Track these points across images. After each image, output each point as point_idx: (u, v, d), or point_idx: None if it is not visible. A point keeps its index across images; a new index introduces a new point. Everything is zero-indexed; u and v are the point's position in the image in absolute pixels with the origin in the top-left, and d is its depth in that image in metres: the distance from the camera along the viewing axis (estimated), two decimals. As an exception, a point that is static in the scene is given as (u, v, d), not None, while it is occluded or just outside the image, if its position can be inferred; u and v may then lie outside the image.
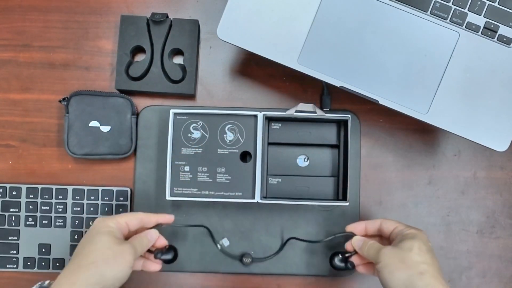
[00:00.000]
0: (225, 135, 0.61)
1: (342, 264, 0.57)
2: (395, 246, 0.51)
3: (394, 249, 0.51)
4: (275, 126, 0.62)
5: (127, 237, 0.53)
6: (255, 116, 0.61)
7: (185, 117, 0.61)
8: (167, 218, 0.56)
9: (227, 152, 0.61)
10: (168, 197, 0.60)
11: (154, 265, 0.56)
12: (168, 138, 0.60)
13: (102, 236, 0.50)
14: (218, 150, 0.61)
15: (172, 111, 0.61)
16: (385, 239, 0.57)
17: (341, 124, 0.62)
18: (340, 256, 0.57)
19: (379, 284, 0.51)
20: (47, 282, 0.50)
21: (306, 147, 0.62)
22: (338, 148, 0.62)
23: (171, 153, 0.61)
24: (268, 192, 0.61)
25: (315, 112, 0.60)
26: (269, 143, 0.62)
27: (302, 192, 0.61)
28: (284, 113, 0.60)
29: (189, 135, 0.61)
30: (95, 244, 0.49)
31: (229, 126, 0.61)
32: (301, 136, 0.62)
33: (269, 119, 0.61)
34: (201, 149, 0.61)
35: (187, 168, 0.61)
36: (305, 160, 0.62)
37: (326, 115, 0.60)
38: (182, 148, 0.61)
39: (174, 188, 0.61)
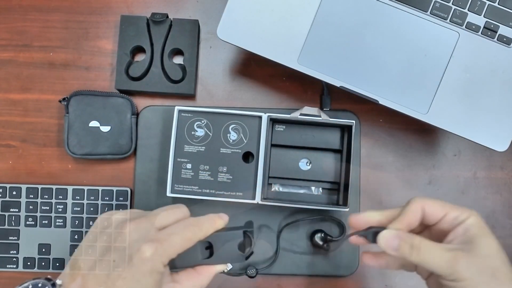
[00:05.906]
0: (228, 135, 0.61)
1: (320, 243, 0.59)
2: (467, 250, 0.37)
3: (473, 258, 0.37)
4: (279, 128, 0.62)
5: None
6: (260, 117, 0.61)
7: (189, 115, 0.61)
8: (219, 222, 0.43)
9: (230, 152, 0.61)
10: (168, 194, 0.60)
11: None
12: (172, 134, 0.60)
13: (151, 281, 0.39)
14: (221, 149, 0.61)
15: (177, 107, 0.61)
16: (419, 225, 0.43)
17: (345, 129, 0.61)
18: (321, 234, 0.59)
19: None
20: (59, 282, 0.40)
21: (309, 150, 0.62)
22: (341, 153, 0.61)
23: (174, 149, 0.60)
24: (268, 193, 0.61)
25: (319, 116, 0.60)
26: (272, 145, 0.62)
27: (304, 195, 0.62)
28: (288, 115, 0.60)
29: (192, 132, 0.61)
30: None
31: (233, 126, 0.61)
32: (304, 139, 0.62)
33: (273, 121, 0.61)
34: (204, 147, 0.61)
35: (189, 166, 0.61)
36: (307, 164, 0.62)
37: (331, 119, 0.60)
38: (185, 146, 0.61)
39: (175, 185, 0.60)
